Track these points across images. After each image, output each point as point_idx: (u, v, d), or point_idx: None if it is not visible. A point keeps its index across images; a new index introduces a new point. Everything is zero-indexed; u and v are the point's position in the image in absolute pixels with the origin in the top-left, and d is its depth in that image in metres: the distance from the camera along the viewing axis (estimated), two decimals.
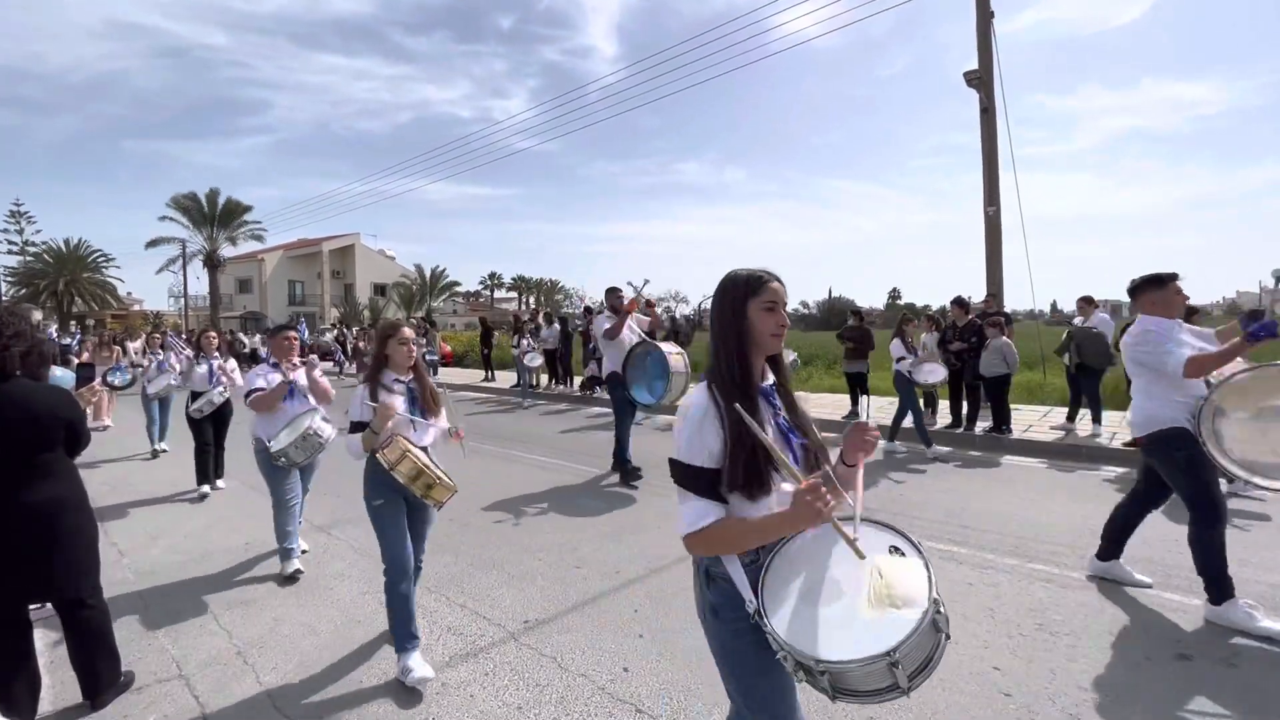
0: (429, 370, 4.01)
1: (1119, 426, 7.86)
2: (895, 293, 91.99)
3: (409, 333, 3.05)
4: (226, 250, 38.32)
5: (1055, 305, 56.16)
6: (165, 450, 8.00)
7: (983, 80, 10.26)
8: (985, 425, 8.06)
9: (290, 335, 4.28)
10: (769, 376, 1.60)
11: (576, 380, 13.90)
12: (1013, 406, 8.12)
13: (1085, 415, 7.92)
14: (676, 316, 14.37)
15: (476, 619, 3.41)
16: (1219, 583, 3.13)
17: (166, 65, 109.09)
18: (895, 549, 1.43)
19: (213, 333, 6.67)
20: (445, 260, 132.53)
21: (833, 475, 1.53)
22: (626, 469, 6.22)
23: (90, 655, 2.62)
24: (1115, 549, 3.68)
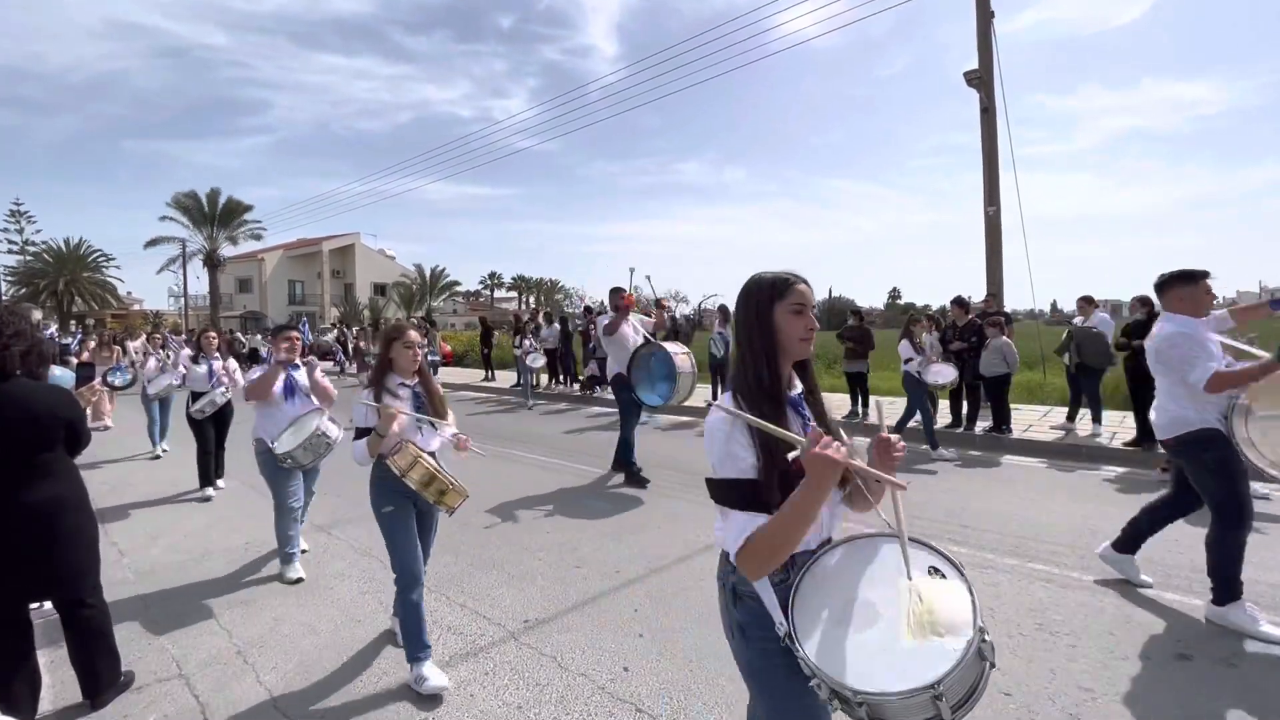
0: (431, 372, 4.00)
1: (1119, 426, 7.86)
2: (895, 292, 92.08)
3: (415, 336, 2.97)
4: (226, 250, 38.35)
5: (1055, 305, 56.33)
6: (166, 450, 8.01)
7: (983, 80, 10.26)
8: (985, 425, 8.07)
9: (293, 335, 4.27)
10: (796, 384, 1.51)
11: (577, 380, 13.92)
12: (1013, 406, 8.13)
13: (1085, 415, 7.92)
14: (677, 316, 14.36)
15: (476, 618, 3.41)
16: (1229, 585, 3.11)
17: (166, 65, 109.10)
18: (935, 570, 1.34)
19: (213, 332, 6.67)
20: (445, 260, 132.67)
21: (864, 489, 1.45)
22: (632, 472, 6.18)
23: (90, 655, 2.62)
24: (1132, 545, 3.61)
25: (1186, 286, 3.24)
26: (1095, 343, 7.54)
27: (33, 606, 2.57)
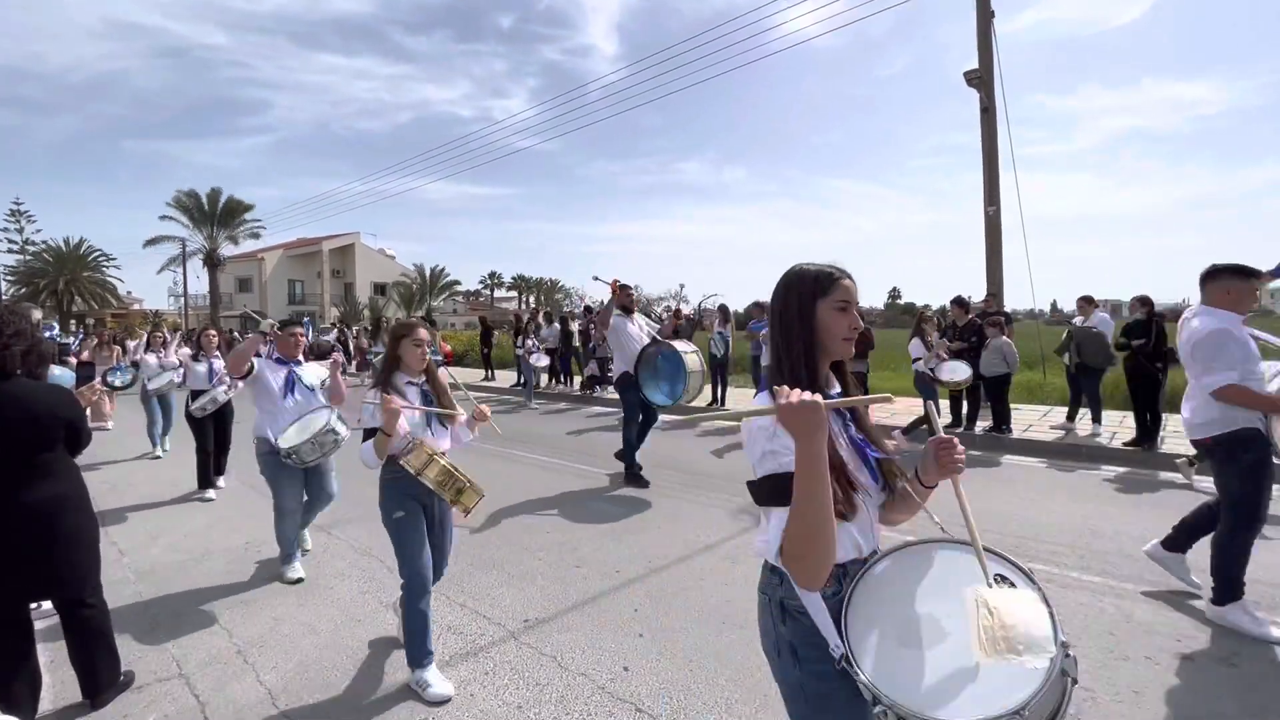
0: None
1: (1119, 426, 7.86)
2: (895, 292, 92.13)
3: (424, 334, 2.92)
4: (226, 249, 38.32)
5: (1055, 305, 56.26)
6: (167, 451, 8.00)
7: (983, 80, 10.26)
8: (985, 425, 8.07)
9: (297, 332, 4.27)
10: (834, 385, 1.43)
11: (577, 380, 13.92)
12: (1013, 406, 8.13)
13: (1085, 415, 7.93)
14: (691, 316, 14.37)
15: (476, 618, 3.41)
16: (1231, 585, 3.10)
17: (166, 65, 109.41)
18: (1001, 578, 1.23)
19: (212, 331, 6.67)
20: (445, 260, 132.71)
21: (911, 492, 1.38)
22: (631, 472, 6.17)
23: (90, 654, 2.62)
24: (1184, 542, 3.48)
25: (1241, 281, 3.11)
26: (1095, 343, 7.55)
27: (33, 606, 2.57)
